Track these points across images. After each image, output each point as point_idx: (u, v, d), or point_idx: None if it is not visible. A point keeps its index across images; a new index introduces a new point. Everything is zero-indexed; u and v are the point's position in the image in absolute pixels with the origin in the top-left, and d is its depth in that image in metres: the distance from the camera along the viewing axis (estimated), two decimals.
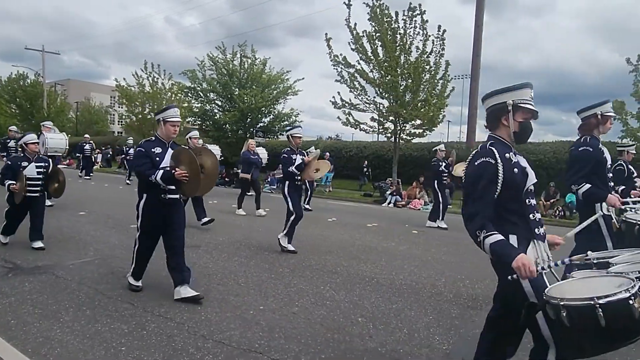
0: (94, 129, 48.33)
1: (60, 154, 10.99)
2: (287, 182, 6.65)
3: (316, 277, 5.33)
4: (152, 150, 4.26)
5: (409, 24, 16.69)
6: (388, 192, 16.28)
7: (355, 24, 17.25)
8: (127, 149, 18.70)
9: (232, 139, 22.79)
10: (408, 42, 16.81)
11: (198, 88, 23.18)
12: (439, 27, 16.50)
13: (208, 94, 23.29)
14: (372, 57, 17.20)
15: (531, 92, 2.47)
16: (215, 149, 16.37)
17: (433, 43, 16.63)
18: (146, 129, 26.89)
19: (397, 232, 9.09)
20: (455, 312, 4.38)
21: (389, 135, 18.08)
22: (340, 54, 17.71)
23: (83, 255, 5.85)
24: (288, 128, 7.00)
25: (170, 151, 4.29)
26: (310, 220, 9.91)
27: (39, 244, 5.94)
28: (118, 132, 51.46)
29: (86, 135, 21.65)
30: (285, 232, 6.60)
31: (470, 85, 16.69)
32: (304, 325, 3.84)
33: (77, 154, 19.83)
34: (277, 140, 26.65)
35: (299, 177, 6.58)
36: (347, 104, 18.10)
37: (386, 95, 17.42)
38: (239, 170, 13.14)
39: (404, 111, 16.74)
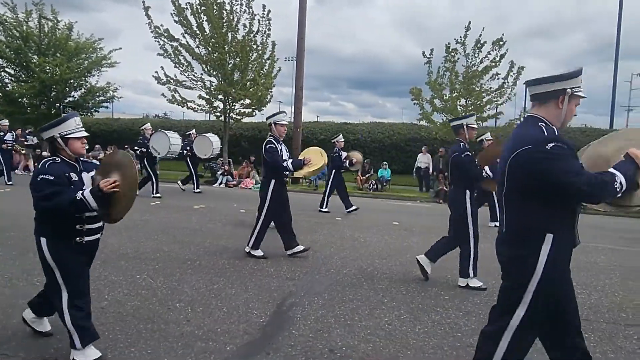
0: None
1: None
2: (467, 191, 4.73)
3: (131, 266, 4.93)
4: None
5: (235, 1, 16.43)
6: (219, 173, 16.06)
7: None
8: (3, 134, 12.88)
9: (31, 114, 19.33)
10: (235, 20, 16.55)
11: None
12: (264, 6, 16.64)
13: None
14: (197, 32, 16.44)
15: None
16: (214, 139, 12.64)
17: (259, 22, 16.73)
18: None
19: (225, 213, 9.04)
20: (275, 284, 4.57)
21: (219, 114, 17.71)
22: (162, 25, 16.49)
23: None
24: (463, 116, 5.10)
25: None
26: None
27: None
28: None
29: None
30: (472, 270, 4.71)
31: (295, 67, 17.34)
32: (112, 319, 3.52)
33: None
34: (92, 118, 23.70)
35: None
36: (172, 80, 17.03)
37: (214, 73, 16.93)
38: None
39: (233, 90, 16.55)
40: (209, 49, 16.54)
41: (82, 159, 3.01)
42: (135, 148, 11.53)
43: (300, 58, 17.03)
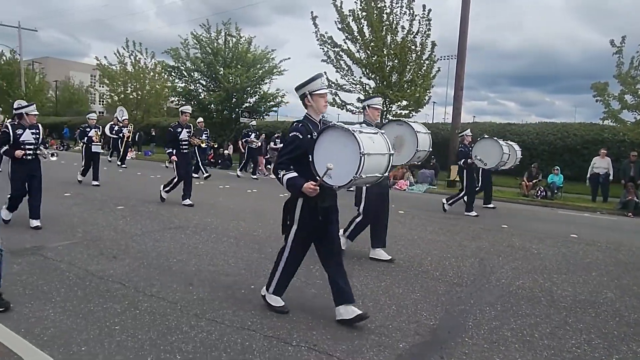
0: (74, 108, 47.21)
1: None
2: None
3: (306, 257, 5.35)
4: None
5: (396, 3, 16.57)
6: None
7: (342, 3, 17.06)
8: (249, 132, 15.66)
9: (217, 119, 22.55)
10: (394, 22, 16.70)
11: (182, 67, 22.73)
12: (424, 6, 16.40)
13: (192, 74, 22.86)
14: (358, 37, 17.07)
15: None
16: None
17: (419, 23, 16.56)
18: (128, 109, 26.45)
19: None
20: (442, 289, 4.51)
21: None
22: (326, 33, 17.56)
23: (71, 236, 5.81)
24: None
25: None
26: None
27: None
28: (99, 112, 50.36)
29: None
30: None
31: (456, 66, 16.71)
32: (295, 303, 3.91)
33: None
34: (264, 121, 26.47)
35: None
36: (333, 85, 18.00)
37: (372, 76, 17.36)
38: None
39: (390, 92, 16.73)
40: (368, 52, 17.03)
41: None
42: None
43: (461, 57, 16.35)
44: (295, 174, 3.38)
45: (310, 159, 3.30)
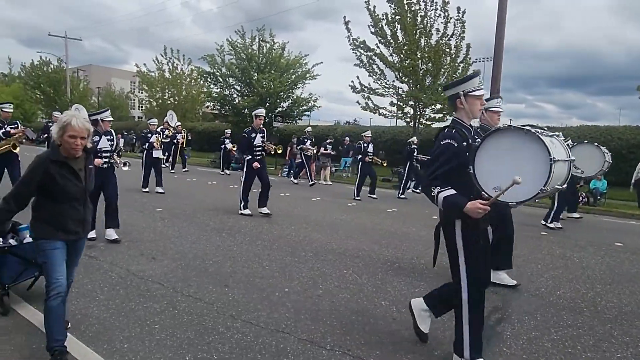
0: (116, 114, 49.11)
1: None
2: None
3: (339, 261, 5.40)
4: None
5: (430, 6, 16.40)
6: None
7: (375, 7, 17.04)
8: (304, 138, 15.39)
9: (251, 123, 22.96)
10: (428, 25, 16.52)
11: (217, 73, 23.28)
12: (458, 8, 16.15)
13: (227, 79, 23.37)
14: (391, 41, 16.99)
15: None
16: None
17: (454, 25, 16.32)
18: (165, 114, 27.30)
19: (418, 218, 9.10)
20: None
21: (409, 119, 17.93)
22: (359, 37, 17.56)
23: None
24: None
25: None
26: (330, 205, 10.00)
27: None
28: (138, 117, 52.15)
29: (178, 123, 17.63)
30: None
31: (492, 68, 16.33)
32: (328, 307, 3.93)
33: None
34: (296, 125, 26.69)
35: None
36: (366, 88, 17.98)
37: (406, 80, 17.23)
38: None
39: (424, 95, 16.55)
40: (402, 56, 16.92)
41: None
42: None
43: (497, 59, 15.93)
44: (453, 192, 2.72)
45: (471, 171, 2.71)
